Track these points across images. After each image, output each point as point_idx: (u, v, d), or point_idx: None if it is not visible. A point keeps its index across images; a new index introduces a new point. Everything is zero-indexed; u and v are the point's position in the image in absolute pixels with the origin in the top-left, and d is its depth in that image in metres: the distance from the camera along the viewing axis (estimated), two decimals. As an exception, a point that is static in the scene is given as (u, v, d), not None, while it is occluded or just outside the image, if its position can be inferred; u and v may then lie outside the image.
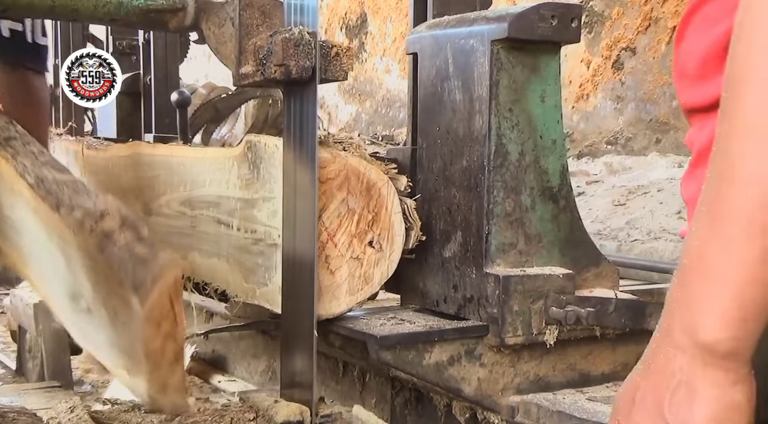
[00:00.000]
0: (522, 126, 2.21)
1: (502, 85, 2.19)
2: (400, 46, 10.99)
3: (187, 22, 2.35)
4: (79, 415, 2.06)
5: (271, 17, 2.22)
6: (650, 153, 7.15)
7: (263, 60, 2.05)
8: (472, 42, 2.22)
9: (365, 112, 11.53)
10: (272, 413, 2.09)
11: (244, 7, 2.20)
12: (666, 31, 7.09)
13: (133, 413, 2.15)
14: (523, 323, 2.17)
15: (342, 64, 2.12)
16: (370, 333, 2.13)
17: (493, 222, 2.19)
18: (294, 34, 2.00)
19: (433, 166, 2.35)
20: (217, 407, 2.19)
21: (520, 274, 2.17)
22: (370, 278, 2.26)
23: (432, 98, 2.34)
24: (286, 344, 2.25)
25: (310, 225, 2.13)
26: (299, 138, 2.13)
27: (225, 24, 2.26)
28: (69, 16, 2.41)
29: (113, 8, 2.28)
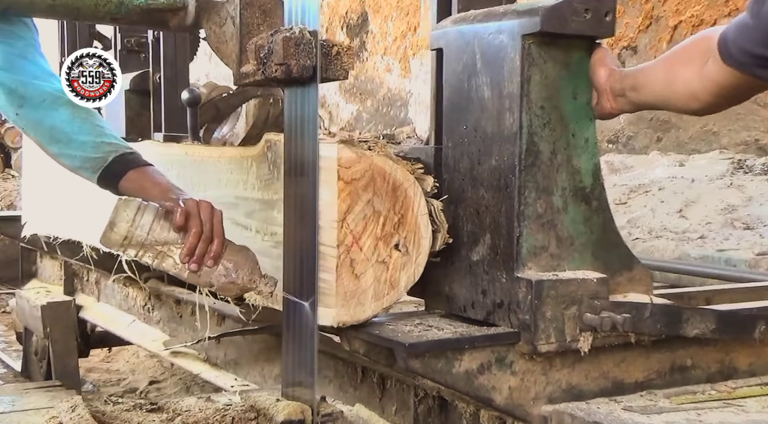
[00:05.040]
0: (554, 124, 2.09)
1: (534, 82, 2.06)
2: (401, 45, 10.92)
3: (188, 21, 2.32)
4: (80, 414, 2.01)
5: (271, 16, 2.19)
6: (651, 152, 7.05)
7: (264, 59, 2.00)
8: (502, 37, 2.10)
9: (366, 111, 11.43)
10: (273, 412, 2.04)
11: (245, 6, 2.17)
12: (667, 29, 6.98)
13: (134, 413, 2.12)
14: (556, 330, 2.04)
15: (343, 63, 2.06)
16: (398, 341, 2.01)
17: (524, 224, 2.07)
18: (295, 34, 1.95)
19: (459, 166, 2.22)
20: (219, 406, 2.14)
21: (552, 278, 2.05)
22: (396, 283, 2.13)
23: (458, 95, 2.22)
24: (288, 342, 2.16)
25: (311, 225, 2.06)
26: (300, 137, 2.07)
27: (226, 23, 2.22)
28: (70, 16, 2.43)
29: (114, 7, 2.25)
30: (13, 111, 2.44)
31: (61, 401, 2.08)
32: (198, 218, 2.13)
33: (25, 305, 4.12)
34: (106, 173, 2.39)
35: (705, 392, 2.20)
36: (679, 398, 2.13)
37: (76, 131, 2.41)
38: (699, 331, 2.13)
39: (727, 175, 6.10)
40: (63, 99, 2.41)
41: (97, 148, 2.40)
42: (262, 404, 2.08)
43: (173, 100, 3.57)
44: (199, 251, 2.11)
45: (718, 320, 2.14)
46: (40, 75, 2.46)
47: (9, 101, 2.43)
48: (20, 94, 2.42)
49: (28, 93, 2.42)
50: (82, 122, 2.42)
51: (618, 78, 2.06)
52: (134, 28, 4.02)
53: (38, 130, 2.46)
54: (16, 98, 2.42)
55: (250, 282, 2.17)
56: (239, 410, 2.08)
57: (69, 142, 2.42)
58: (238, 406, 2.12)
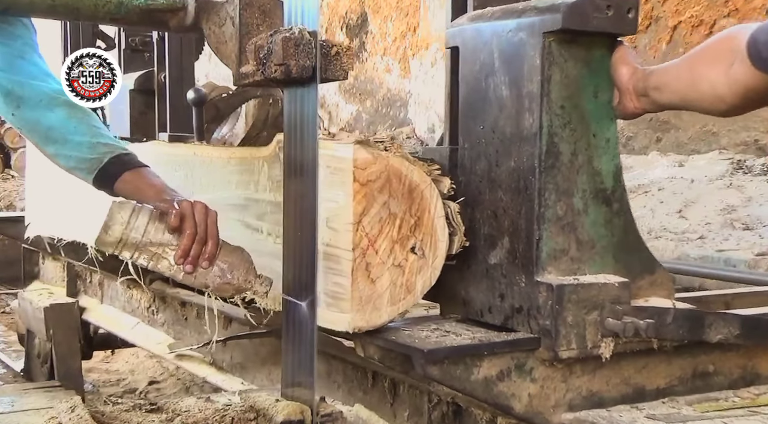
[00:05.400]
0: (574, 124, 2.02)
1: (554, 81, 1.99)
2: (401, 45, 10.84)
3: (188, 21, 2.29)
4: (79, 414, 1.98)
5: (271, 17, 2.16)
6: (651, 152, 6.99)
7: (263, 59, 1.97)
8: (521, 34, 2.03)
9: (366, 111, 11.36)
10: (273, 412, 2.01)
11: (245, 6, 2.14)
12: (666, 29, 6.92)
13: (133, 413, 2.08)
14: (578, 336, 1.97)
15: (342, 64, 2.02)
16: (415, 347, 1.94)
17: (544, 227, 2.00)
18: (294, 34, 1.91)
19: (476, 168, 2.15)
20: (218, 406, 2.10)
21: (573, 283, 1.98)
22: (412, 287, 2.06)
23: (475, 95, 2.15)
24: (287, 343, 2.09)
25: (311, 225, 2.00)
26: (300, 138, 2.02)
27: (225, 23, 2.20)
28: (69, 16, 2.39)
29: (113, 8, 2.23)
30: (10, 111, 2.40)
31: (60, 402, 2.05)
32: (192, 219, 2.10)
33: (27, 306, 4.04)
34: (101, 174, 2.35)
35: (728, 399, 2.13)
36: (701, 405, 2.06)
37: (72, 132, 2.38)
38: (722, 336, 2.06)
39: (726, 176, 6.07)
40: (60, 99, 2.37)
41: (92, 149, 2.37)
42: (261, 404, 2.05)
43: (178, 99, 3.50)
44: (194, 253, 2.09)
45: (742, 325, 2.07)
46: (37, 75, 2.42)
47: (6, 102, 2.39)
48: (17, 95, 2.38)
49: (25, 93, 2.38)
50: (78, 123, 2.39)
51: (641, 77, 1.99)
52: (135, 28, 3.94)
53: (35, 130, 2.42)
54: (14, 99, 2.38)
55: (246, 282, 2.15)
56: (239, 410, 2.05)
57: (65, 143, 2.38)
58: (237, 406, 2.08)
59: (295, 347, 2.07)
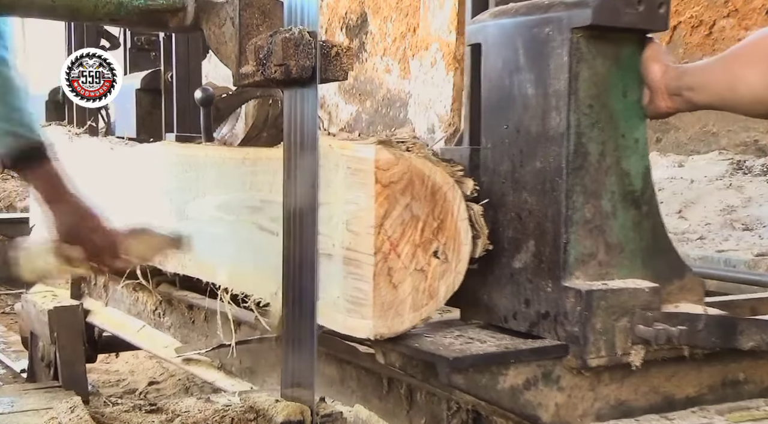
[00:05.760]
0: (603, 124, 1.93)
1: (582, 79, 1.90)
2: (401, 46, 10.75)
3: (187, 22, 2.30)
4: (79, 415, 1.96)
5: (271, 17, 2.17)
6: (651, 152, 6.90)
7: (263, 60, 1.95)
8: (548, 30, 1.94)
9: (365, 111, 11.26)
10: (273, 412, 1.99)
11: (244, 7, 2.15)
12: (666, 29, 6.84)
13: (133, 414, 2.06)
14: (607, 343, 1.88)
15: (342, 64, 2.01)
16: (440, 354, 1.84)
17: (572, 230, 1.91)
18: (294, 34, 1.89)
19: (499, 168, 2.06)
20: (218, 406, 2.08)
21: (603, 288, 1.89)
22: (435, 292, 1.97)
23: (499, 93, 2.05)
24: (288, 343, 2.05)
25: (312, 225, 1.96)
26: (299, 138, 1.97)
27: (225, 24, 2.20)
28: (69, 17, 2.48)
29: (113, 8, 2.23)
30: None
31: (60, 402, 2.02)
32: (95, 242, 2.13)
33: (31, 309, 3.94)
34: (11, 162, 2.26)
35: (759, 408, 2.04)
36: (733, 415, 1.98)
37: None
38: (755, 343, 1.96)
39: (726, 176, 6.02)
40: None
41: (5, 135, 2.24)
42: (261, 404, 2.02)
43: (185, 99, 3.41)
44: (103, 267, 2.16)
45: (776, 332, 1.98)
46: None
47: None
48: None
49: None
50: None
51: (674, 76, 1.90)
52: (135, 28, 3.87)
53: None
54: None
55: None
56: (238, 410, 2.02)
57: None
58: (237, 407, 2.06)
59: (295, 348, 2.03)
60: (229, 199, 2.33)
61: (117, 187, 3.02)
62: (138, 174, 2.86)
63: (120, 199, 2.99)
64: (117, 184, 2.99)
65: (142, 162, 2.83)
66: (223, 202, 2.36)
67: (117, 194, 3.00)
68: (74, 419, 1.94)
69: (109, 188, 3.05)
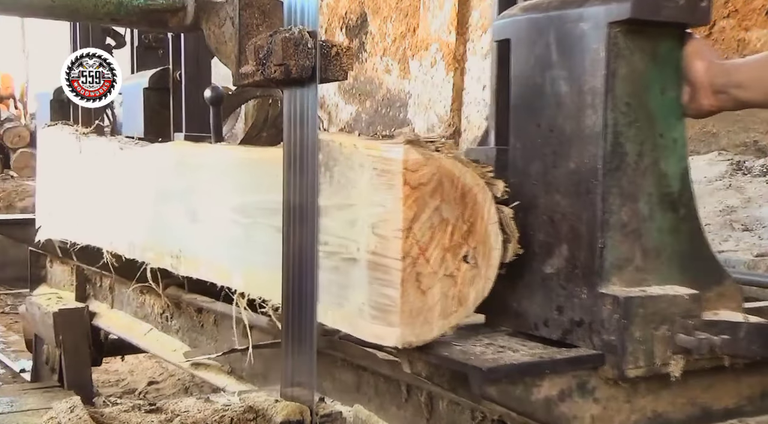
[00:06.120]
0: (640, 123, 1.82)
1: (620, 76, 1.80)
2: (400, 46, 10.64)
3: (187, 21, 2.29)
4: (78, 415, 1.94)
5: (270, 17, 2.16)
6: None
7: (263, 60, 1.94)
8: (583, 25, 1.83)
9: (365, 111, 11.15)
10: (272, 412, 1.97)
11: (244, 6, 2.14)
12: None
13: (133, 413, 2.03)
14: (645, 352, 1.77)
15: (342, 64, 1.99)
16: (473, 365, 1.73)
17: (609, 234, 1.80)
18: (294, 34, 1.87)
19: (530, 169, 1.95)
20: (217, 406, 2.05)
21: (641, 295, 1.78)
22: (464, 299, 1.86)
23: (530, 91, 1.95)
24: (287, 342, 2.01)
25: (311, 226, 1.93)
26: (299, 138, 1.95)
27: (225, 24, 2.19)
28: (69, 17, 2.48)
29: (113, 8, 2.22)
30: None
31: (59, 402, 2.00)
32: None
33: (35, 311, 3.83)
34: None
35: (800, 420, 1.93)
36: (774, 426, 1.87)
37: None
38: (798, 352, 1.86)
39: (725, 177, 5.96)
40: None
41: None
42: (260, 404, 2.00)
43: (194, 98, 3.30)
44: None
45: (819, 341, 1.87)
46: None
47: None
48: None
49: None
50: None
51: (719, 72, 1.79)
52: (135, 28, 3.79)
53: None
54: None
55: None
56: (238, 410, 1.99)
57: None
58: (236, 406, 2.03)
59: (295, 347, 1.99)
60: (246, 201, 2.22)
61: (127, 188, 2.91)
62: (148, 174, 2.74)
63: (130, 200, 2.88)
64: (127, 185, 2.88)
65: (153, 162, 2.71)
66: (238, 205, 2.25)
67: (126, 195, 2.89)
68: (73, 419, 1.92)
69: (118, 189, 2.93)
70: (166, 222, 2.63)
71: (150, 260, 2.78)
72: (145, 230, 2.81)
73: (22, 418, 2.71)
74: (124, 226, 2.91)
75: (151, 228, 2.76)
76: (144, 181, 2.75)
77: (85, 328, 3.69)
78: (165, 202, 2.63)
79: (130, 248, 2.89)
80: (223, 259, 2.37)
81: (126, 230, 2.91)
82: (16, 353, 5.12)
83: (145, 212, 2.78)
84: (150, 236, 2.77)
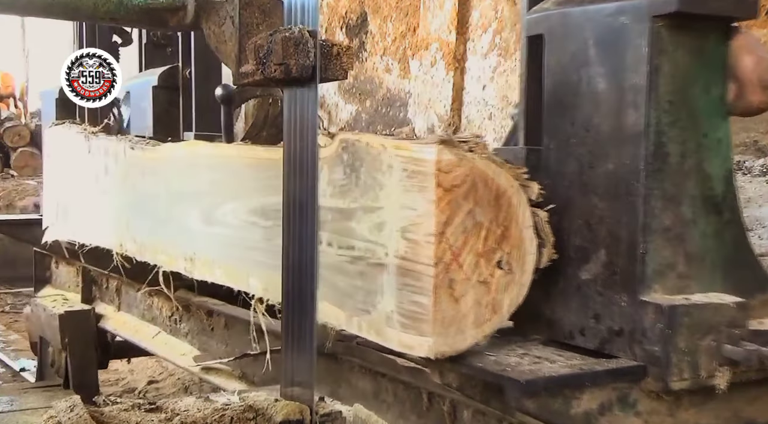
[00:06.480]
0: (684, 122, 1.72)
1: (663, 72, 1.69)
2: (400, 45, 10.51)
3: (187, 20, 2.26)
4: (78, 414, 1.89)
5: (270, 16, 2.13)
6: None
7: (263, 59, 1.89)
8: (623, 19, 1.72)
9: (365, 111, 11.03)
10: (272, 412, 1.90)
11: (244, 6, 2.12)
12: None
13: (132, 412, 1.97)
14: (690, 364, 1.67)
15: (342, 64, 1.93)
16: (510, 377, 1.62)
17: (650, 239, 1.69)
18: (294, 33, 1.82)
19: (564, 170, 1.84)
20: (217, 406, 1.98)
21: (685, 303, 1.67)
22: (498, 306, 1.74)
23: (564, 89, 1.83)
24: (287, 342, 1.93)
25: (311, 226, 1.85)
26: (299, 137, 1.88)
27: (225, 23, 2.17)
28: (68, 16, 2.40)
29: (113, 7, 2.20)
30: None
31: (59, 401, 1.95)
32: None
33: (41, 313, 3.71)
34: None
35: None
36: (822, 440, 1.76)
37: None
38: None
39: (726, 177, 5.84)
40: None
41: None
42: (260, 403, 1.94)
43: (205, 97, 3.19)
44: None
45: None
46: None
47: None
48: None
49: None
50: None
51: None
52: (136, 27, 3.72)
53: None
54: None
55: None
56: (238, 409, 1.93)
57: None
58: (236, 406, 1.97)
59: (294, 347, 1.92)
60: (266, 202, 2.11)
61: (137, 189, 2.79)
62: (160, 175, 2.62)
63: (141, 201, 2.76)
64: (137, 186, 2.76)
65: (165, 162, 2.60)
66: (258, 206, 2.13)
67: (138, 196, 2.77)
68: (73, 418, 1.88)
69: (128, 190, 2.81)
70: (179, 224, 2.52)
71: (162, 263, 2.67)
72: (156, 232, 2.69)
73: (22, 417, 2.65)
74: (135, 227, 2.79)
75: (163, 230, 2.64)
76: (156, 182, 2.63)
77: (91, 330, 3.57)
78: (178, 204, 2.52)
79: (140, 250, 2.77)
80: (241, 262, 2.25)
81: (137, 231, 2.79)
82: (15, 352, 5.07)
83: (157, 213, 2.66)
84: (162, 238, 2.66)
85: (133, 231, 2.81)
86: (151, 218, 2.70)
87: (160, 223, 2.65)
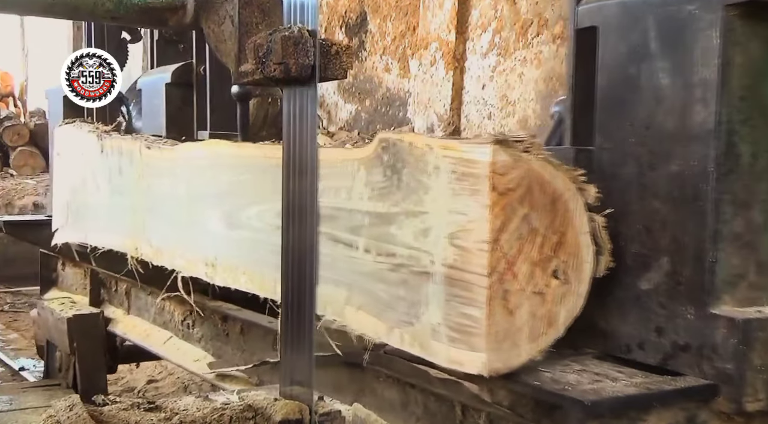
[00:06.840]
0: (755, 120, 1.57)
1: (736, 65, 1.53)
2: (400, 45, 10.37)
3: (187, 20, 2.25)
4: (77, 413, 1.87)
5: (270, 15, 2.11)
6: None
7: (263, 58, 1.87)
8: (690, 8, 1.56)
9: (365, 110, 10.88)
10: (271, 411, 1.89)
11: (244, 5, 2.11)
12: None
13: (132, 412, 1.95)
14: (766, 383, 1.50)
15: (341, 63, 1.91)
16: (572, 397, 1.46)
17: (721, 246, 1.53)
18: (293, 33, 1.80)
19: (621, 172, 1.68)
20: (217, 405, 1.97)
21: (759, 317, 1.51)
22: (554, 319, 1.59)
23: (621, 85, 1.68)
24: (286, 341, 1.90)
25: (310, 226, 1.81)
26: (299, 137, 1.85)
27: (224, 22, 2.15)
28: (68, 15, 2.37)
29: (113, 6, 2.19)
30: None
31: (58, 400, 1.93)
32: None
33: (48, 316, 3.55)
34: None
35: None
36: None
37: None
38: None
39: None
40: None
41: None
42: (260, 403, 1.93)
43: (220, 94, 3.04)
44: None
45: None
46: None
47: None
48: None
49: None
50: None
51: None
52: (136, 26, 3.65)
53: None
54: None
55: None
56: (237, 409, 1.93)
57: None
58: (235, 405, 1.96)
59: (294, 346, 1.89)
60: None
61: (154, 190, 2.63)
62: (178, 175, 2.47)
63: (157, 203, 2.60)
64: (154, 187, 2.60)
65: (184, 162, 2.44)
66: (286, 210, 1.97)
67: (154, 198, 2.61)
68: (72, 417, 1.86)
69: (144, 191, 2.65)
70: (199, 227, 2.36)
71: (180, 268, 2.51)
72: (174, 235, 2.53)
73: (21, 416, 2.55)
74: (151, 230, 2.63)
75: (181, 233, 2.48)
76: (173, 183, 2.48)
77: (100, 334, 3.42)
78: (198, 206, 2.36)
79: (157, 253, 2.61)
80: (268, 268, 2.09)
81: (153, 234, 2.63)
82: (15, 351, 5.02)
83: (175, 215, 2.51)
84: (180, 241, 2.49)
85: (148, 234, 2.65)
86: (169, 221, 2.54)
87: (178, 225, 2.49)
